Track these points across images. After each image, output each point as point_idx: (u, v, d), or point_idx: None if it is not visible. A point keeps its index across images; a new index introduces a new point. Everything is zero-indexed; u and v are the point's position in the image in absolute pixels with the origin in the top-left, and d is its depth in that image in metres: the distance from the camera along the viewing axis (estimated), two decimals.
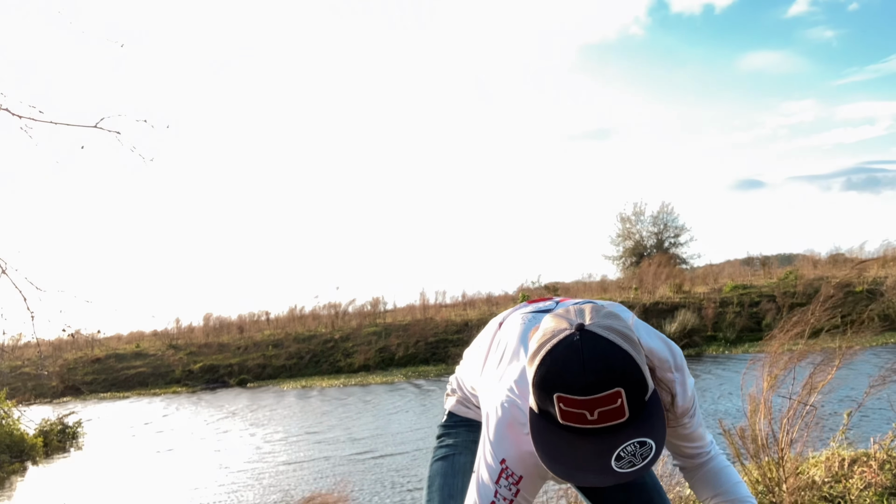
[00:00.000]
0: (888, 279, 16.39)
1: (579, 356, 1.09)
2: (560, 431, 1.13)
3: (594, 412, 1.08)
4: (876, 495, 3.68)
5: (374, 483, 7.46)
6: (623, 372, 1.09)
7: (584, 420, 1.09)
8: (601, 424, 1.10)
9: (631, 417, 1.11)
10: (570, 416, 1.10)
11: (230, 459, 9.54)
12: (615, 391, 1.08)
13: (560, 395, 1.09)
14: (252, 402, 15.64)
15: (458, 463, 1.69)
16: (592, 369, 1.08)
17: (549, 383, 1.11)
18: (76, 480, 9.40)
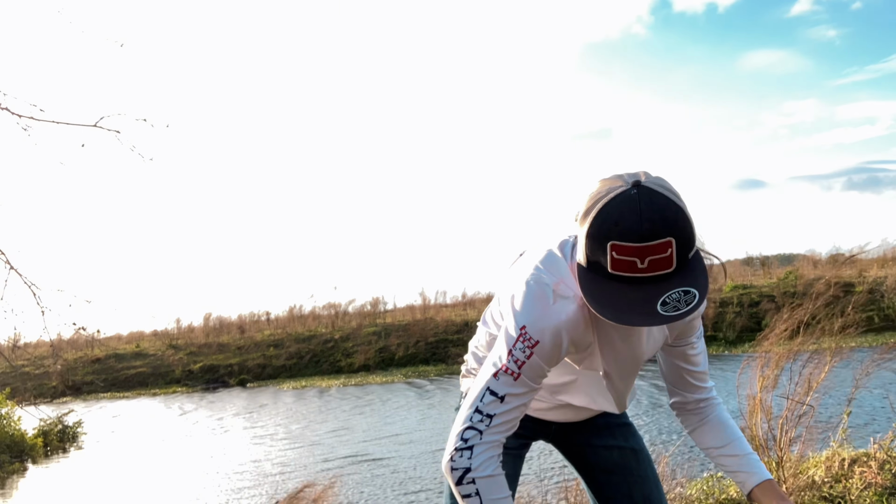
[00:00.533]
0: (888, 279, 16.39)
1: (636, 206, 1.15)
2: (608, 281, 1.19)
3: (645, 260, 1.15)
4: (876, 495, 3.68)
5: (376, 486, 7.47)
6: (676, 222, 1.15)
7: (633, 268, 1.16)
8: (649, 273, 1.16)
9: (677, 269, 1.17)
10: (620, 265, 1.16)
11: (229, 459, 9.54)
12: (667, 241, 1.14)
13: (614, 242, 1.15)
14: (252, 402, 15.64)
15: None
16: (648, 218, 1.14)
17: (605, 232, 1.16)
18: (76, 480, 9.40)
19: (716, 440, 1.58)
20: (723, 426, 1.58)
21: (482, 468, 1.31)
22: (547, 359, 1.35)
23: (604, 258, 1.18)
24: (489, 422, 1.32)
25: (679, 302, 1.16)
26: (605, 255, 1.18)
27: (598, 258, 1.19)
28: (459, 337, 19.19)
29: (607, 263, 1.18)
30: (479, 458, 1.31)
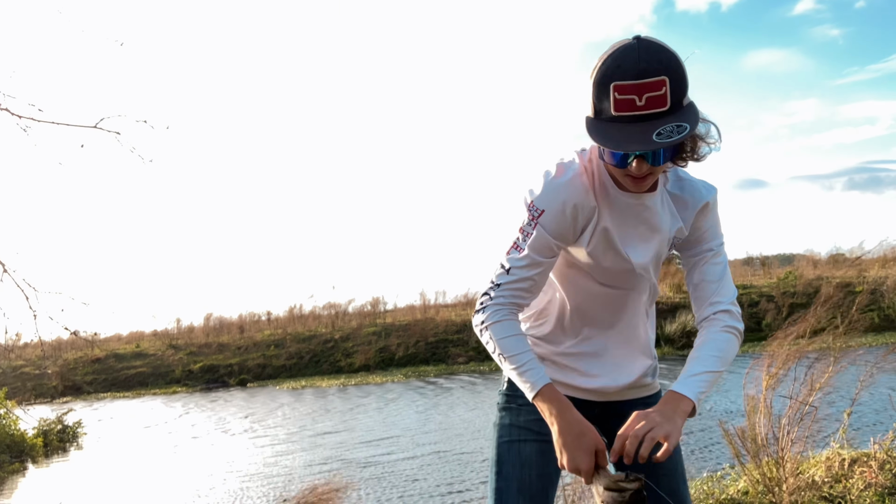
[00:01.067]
0: (888, 279, 16.39)
1: (635, 51, 1.33)
2: (612, 122, 1.35)
3: (642, 97, 1.31)
4: (876, 495, 3.68)
5: (375, 486, 7.46)
6: (669, 63, 1.32)
7: (633, 106, 1.32)
8: (647, 111, 1.31)
9: (672, 108, 1.33)
10: (622, 105, 1.32)
11: (229, 459, 9.54)
12: (661, 79, 1.30)
13: (616, 83, 1.32)
14: (252, 402, 15.64)
15: (525, 453, 1.70)
16: (645, 59, 1.31)
17: (608, 76, 1.33)
18: (76, 480, 9.40)
19: (694, 348, 1.61)
20: (708, 338, 1.59)
21: (490, 318, 1.55)
22: (553, 226, 1.52)
23: (608, 101, 1.34)
24: (497, 289, 1.55)
25: (672, 132, 1.31)
26: (608, 98, 1.33)
27: (603, 104, 1.35)
28: (459, 337, 19.19)
29: (611, 105, 1.33)
30: (488, 313, 1.55)
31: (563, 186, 1.51)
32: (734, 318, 1.63)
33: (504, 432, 1.75)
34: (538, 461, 1.68)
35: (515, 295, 1.55)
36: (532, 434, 1.71)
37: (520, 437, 1.72)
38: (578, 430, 1.45)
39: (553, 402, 1.49)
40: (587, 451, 1.42)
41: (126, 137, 3.25)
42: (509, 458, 1.71)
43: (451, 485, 7.09)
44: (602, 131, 1.36)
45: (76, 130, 3.19)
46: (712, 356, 1.56)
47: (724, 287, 1.64)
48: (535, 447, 1.69)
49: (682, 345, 15.76)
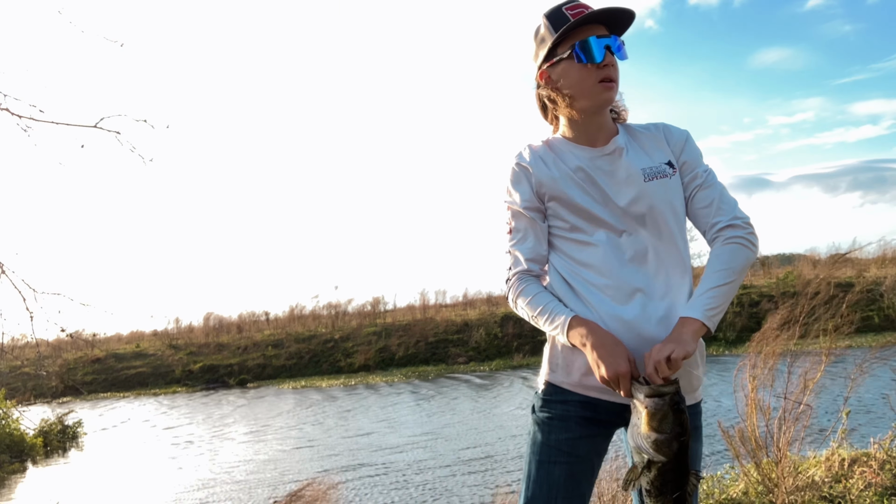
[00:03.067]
0: (887, 279, 16.39)
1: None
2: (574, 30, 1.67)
3: (588, 8, 1.66)
4: (876, 495, 3.68)
5: (374, 486, 7.47)
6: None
7: (585, 9, 1.66)
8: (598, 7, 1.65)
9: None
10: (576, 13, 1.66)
11: (229, 459, 9.54)
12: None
13: (565, 7, 1.68)
14: (251, 402, 15.64)
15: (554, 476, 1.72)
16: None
17: (557, 6, 1.70)
18: (76, 480, 9.40)
19: (707, 266, 1.69)
20: (711, 259, 1.69)
21: (515, 289, 1.75)
22: (516, 196, 1.75)
23: (564, 19, 1.66)
24: (510, 270, 1.77)
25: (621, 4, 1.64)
26: (564, 17, 1.66)
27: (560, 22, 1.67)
28: (459, 337, 19.19)
29: (568, 17, 1.66)
30: (512, 285, 1.76)
31: (515, 163, 1.77)
32: (737, 229, 1.69)
33: (536, 449, 1.77)
34: (566, 484, 1.71)
35: (527, 265, 1.74)
36: (563, 455, 1.72)
37: (549, 457, 1.73)
38: (612, 341, 1.56)
39: (583, 326, 1.60)
40: (623, 356, 1.53)
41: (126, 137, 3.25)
42: (538, 477, 1.74)
43: (450, 485, 7.09)
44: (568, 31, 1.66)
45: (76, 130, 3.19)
46: (716, 271, 1.64)
47: (722, 205, 1.72)
48: (564, 470, 1.71)
49: None
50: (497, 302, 21.93)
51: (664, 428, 1.43)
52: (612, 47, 1.67)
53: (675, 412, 1.44)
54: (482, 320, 19.56)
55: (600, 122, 1.75)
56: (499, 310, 20.40)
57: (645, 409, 1.45)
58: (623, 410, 1.74)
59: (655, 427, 1.43)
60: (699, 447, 1.81)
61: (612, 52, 1.67)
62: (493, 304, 21.76)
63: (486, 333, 18.80)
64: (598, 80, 1.67)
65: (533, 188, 1.74)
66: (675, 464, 1.46)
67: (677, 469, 1.47)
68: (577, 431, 1.73)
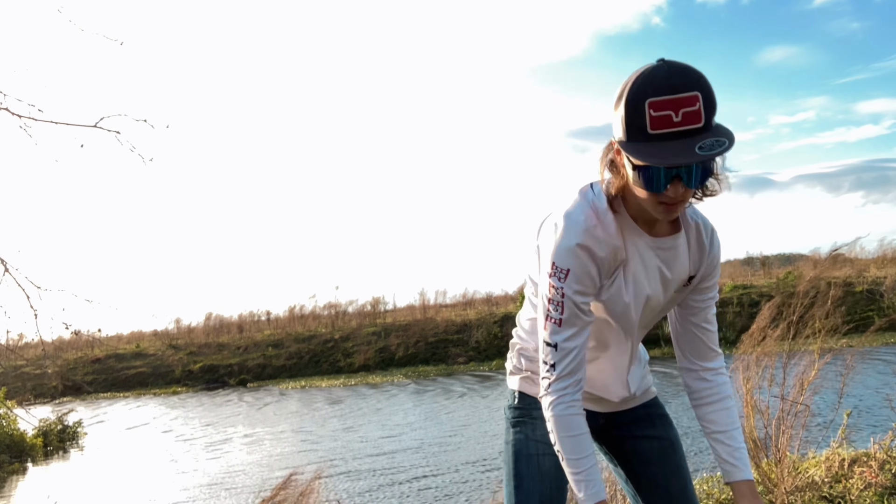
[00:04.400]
0: (887, 279, 16.39)
1: (664, 69, 1.33)
2: (649, 143, 1.33)
3: (679, 113, 1.30)
4: (876, 495, 3.68)
5: (374, 487, 7.46)
6: (700, 79, 1.32)
7: (670, 122, 1.30)
8: (684, 126, 1.30)
9: (706, 125, 1.32)
10: (659, 122, 1.31)
11: (229, 459, 9.54)
12: (695, 94, 1.30)
13: (651, 100, 1.31)
14: (251, 402, 15.64)
15: (545, 467, 1.70)
16: (677, 72, 1.32)
17: (641, 93, 1.32)
18: (76, 480, 9.40)
19: (718, 424, 1.63)
20: (727, 411, 1.64)
21: (555, 406, 1.51)
22: (580, 284, 1.48)
23: (643, 120, 1.32)
24: (553, 370, 1.52)
25: (713, 146, 1.29)
26: (643, 117, 1.32)
27: (637, 124, 1.33)
28: (459, 337, 19.19)
29: (647, 124, 1.31)
30: (554, 398, 1.52)
31: (583, 235, 1.46)
32: (725, 379, 1.68)
33: (520, 447, 1.72)
34: (557, 475, 1.67)
35: (573, 367, 1.51)
36: (550, 447, 1.66)
37: (538, 450, 1.70)
38: None
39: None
40: None
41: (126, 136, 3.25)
42: (528, 472, 1.69)
43: (450, 485, 7.09)
44: (641, 151, 1.32)
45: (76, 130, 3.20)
46: (735, 429, 1.63)
47: (714, 343, 1.67)
48: (553, 460, 1.67)
49: None
50: (497, 302, 21.93)
51: None
52: (683, 180, 1.36)
53: None
54: (482, 320, 19.56)
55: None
56: (499, 310, 20.41)
57: None
58: (594, 415, 1.75)
59: None
60: (675, 431, 1.83)
61: (681, 183, 1.37)
62: (493, 304, 21.76)
63: (486, 333, 18.80)
64: (658, 202, 1.41)
65: (597, 280, 1.51)
66: None
67: None
68: None
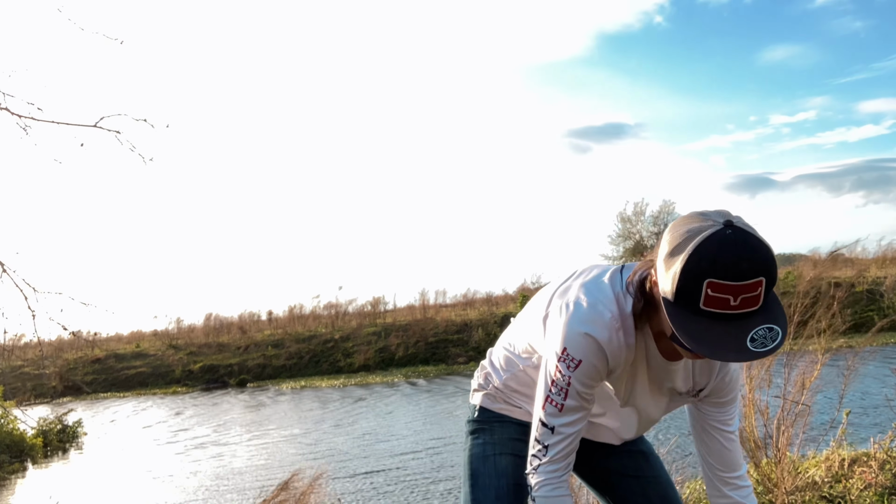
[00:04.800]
0: (888, 279, 16.39)
1: (734, 247, 1.18)
2: (697, 316, 1.21)
3: (738, 298, 1.18)
4: (876, 495, 3.68)
5: (373, 486, 7.47)
6: (767, 263, 1.19)
7: (726, 305, 1.18)
8: (740, 311, 1.19)
9: (762, 307, 1.21)
10: (714, 302, 1.19)
11: (228, 460, 9.54)
12: (759, 280, 1.18)
13: (711, 280, 1.18)
14: (251, 402, 15.64)
15: (501, 465, 1.67)
16: (747, 258, 1.17)
17: (703, 269, 1.18)
18: (76, 480, 9.40)
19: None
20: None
21: (542, 487, 1.45)
22: (589, 378, 1.41)
23: (698, 294, 1.20)
24: (545, 452, 1.45)
25: (765, 339, 1.19)
26: (699, 292, 1.19)
27: (690, 293, 1.21)
28: (459, 337, 19.19)
29: (700, 300, 1.20)
30: (541, 478, 1.46)
31: (605, 342, 1.39)
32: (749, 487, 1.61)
33: (478, 450, 1.71)
34: (514, 472, 1.64)
35: (567, 452, 1.47)
36: (507, 448, 1.68)
37: (494, 451, 1.69)
38: None
39: None
40: None
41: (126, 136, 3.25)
42: (485, 469, 1.67)
43: (450, 484, 7.09)
44: (687, 326, 1.22)
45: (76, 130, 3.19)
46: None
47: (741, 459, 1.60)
48: (510, 460, 1.66)
49: None
50: (497, 302, 21.93)
51: None
52: None
53: None
54: (482, 320, 19.56)
55: None
56: (499, 310, 20.40)
57: None
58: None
59: None
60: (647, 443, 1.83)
61: None
62: (493, 304, 21.76)
63: (486, 333, 18.80)
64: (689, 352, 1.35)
65: (604, 377, 1.47)
66: None
67: None
68: (517, 433, 1.69)
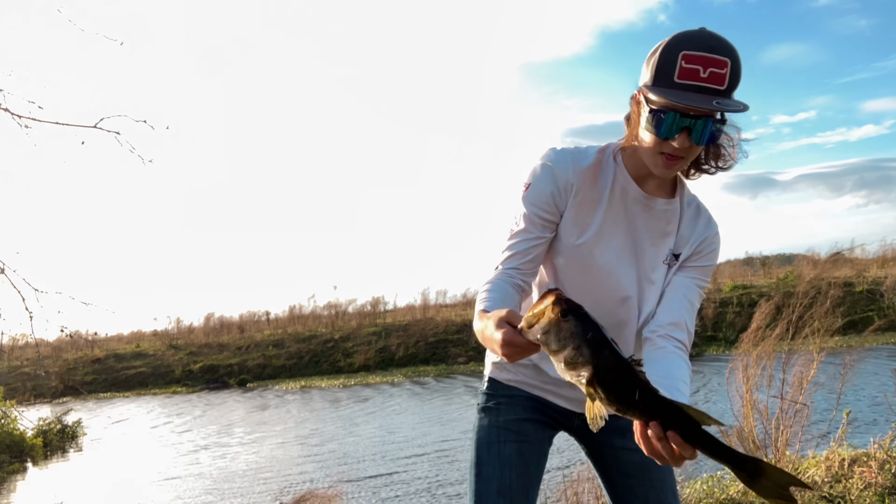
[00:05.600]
0: (888, 279, 16.38)
1: (705, 31, 1.42)
2: (671, 89, 1.41)
3: (707, 70, 1.38)
4: (876, 495, 3.68)
5: (373, 486, 7.46)
6: (733, 50, 1.40)
7: (696, 76, 1.38)
8: (708, 84, 1.38)
9: (727, 91, 1.40)
10: (686, 73, 1.39)
11: (228, 460, 9.54)
12: (726, 59, 1.39)
13: (685, 52, 1.39)
14: (251, 402, 15.64)
15: (505, 454, 1.69)
16: (716, 39, 1.40)
17: (679, 44, 1.40)
18: (76, 480, 9.40)
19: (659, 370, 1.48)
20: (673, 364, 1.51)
21: (486, 284, 1.57)
22: (537, 198, 1.57)
23: (673, 66, 1.40)
24: (496, 268, 1.60)
25: (728, 105, 1.38)
26: (674, 66, 1.40)
27: (665, 70, 1.41)
28: (459, 337, 19.18)
29: (675, 72, 1.40)
30: (487, 280, 1.58)
31: (551, 158, 1.59)
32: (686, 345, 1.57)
33: (483, 434, 1.74)
34: (518, 462, 1.68)
35: (513, 268, 1.58)
36: (511, 434, 1.71)
37: (499, 437, 1.71)
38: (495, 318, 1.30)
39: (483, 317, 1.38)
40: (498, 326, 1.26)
41: (126, 137, 3.26)
42: (489, 459, 1.69)
43: (451, 485, 7.09)
44: (663, 93, 1.40)
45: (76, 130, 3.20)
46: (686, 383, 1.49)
47: (691, 318, 1.60)
48: (514, 448, 1.69)
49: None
50: None
51: (562, 342, 1.17)
52: (692, 133, 1.42)
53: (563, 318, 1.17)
54: None
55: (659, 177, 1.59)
56: None
57: (545, 347, 1.21)
58: (569, 414, 1.76)
59: (555, 349, 1.18)
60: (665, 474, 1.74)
61: (689, 136, 1.42)
62: None
63: None
64: (659, 151, 1.47)
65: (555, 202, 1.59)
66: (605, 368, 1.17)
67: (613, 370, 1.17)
68: (524, 413, 1.73)
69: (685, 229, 1.63)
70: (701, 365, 13.51)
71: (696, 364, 13.64)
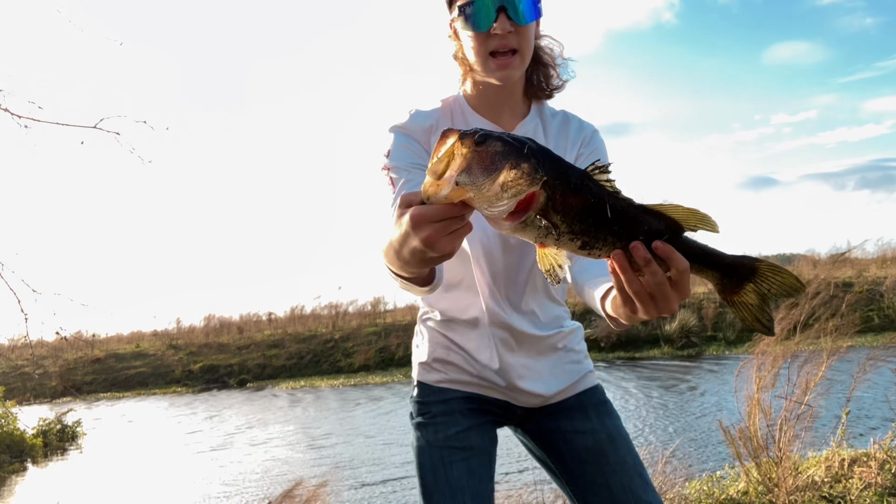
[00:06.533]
0: (888, 279, 16.38)
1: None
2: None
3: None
4: (876, 495, 3.68)
5: (372, 487, 7.47)
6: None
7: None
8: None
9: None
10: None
11: (229, 460, 9.54)
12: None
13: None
14: (251, 402, 15.64)
15: (454, 477, 1.52)
16: None
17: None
18: (76, 480, 9.40)
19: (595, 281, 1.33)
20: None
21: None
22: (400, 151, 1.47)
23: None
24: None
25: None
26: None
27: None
28: None
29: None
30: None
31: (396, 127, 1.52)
32: None
33: (425, 458, 1.55)
34: (469, 483, 1.52)
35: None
36: (456, 453, 1.54)
37: (443, 459, 1.53)
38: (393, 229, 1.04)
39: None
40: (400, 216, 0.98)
41: (125, 138, 3.26)
42: (437, 486, 1.51)
43: None
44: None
45: (76, 130, 3.20)
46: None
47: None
48: (462, 467, 1.53)
49: (681, 345, 15.36)
50: None
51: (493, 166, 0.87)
52: (508, 9, 1.32)
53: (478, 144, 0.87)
54: None
55: (505, 96, 1.49)
56: None
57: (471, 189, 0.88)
58: (508, 406, 1.63)
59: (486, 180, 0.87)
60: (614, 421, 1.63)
61: (508, 16, 1.32)
62: None
63: None
64: (488, 51, 1.37)
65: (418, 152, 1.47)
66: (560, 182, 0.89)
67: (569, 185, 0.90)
68: (464, 422, 1.57)
69: (555, 142, 1.51)
70: (701, 365, 13.51)
71: (696, 364, 13.64)
